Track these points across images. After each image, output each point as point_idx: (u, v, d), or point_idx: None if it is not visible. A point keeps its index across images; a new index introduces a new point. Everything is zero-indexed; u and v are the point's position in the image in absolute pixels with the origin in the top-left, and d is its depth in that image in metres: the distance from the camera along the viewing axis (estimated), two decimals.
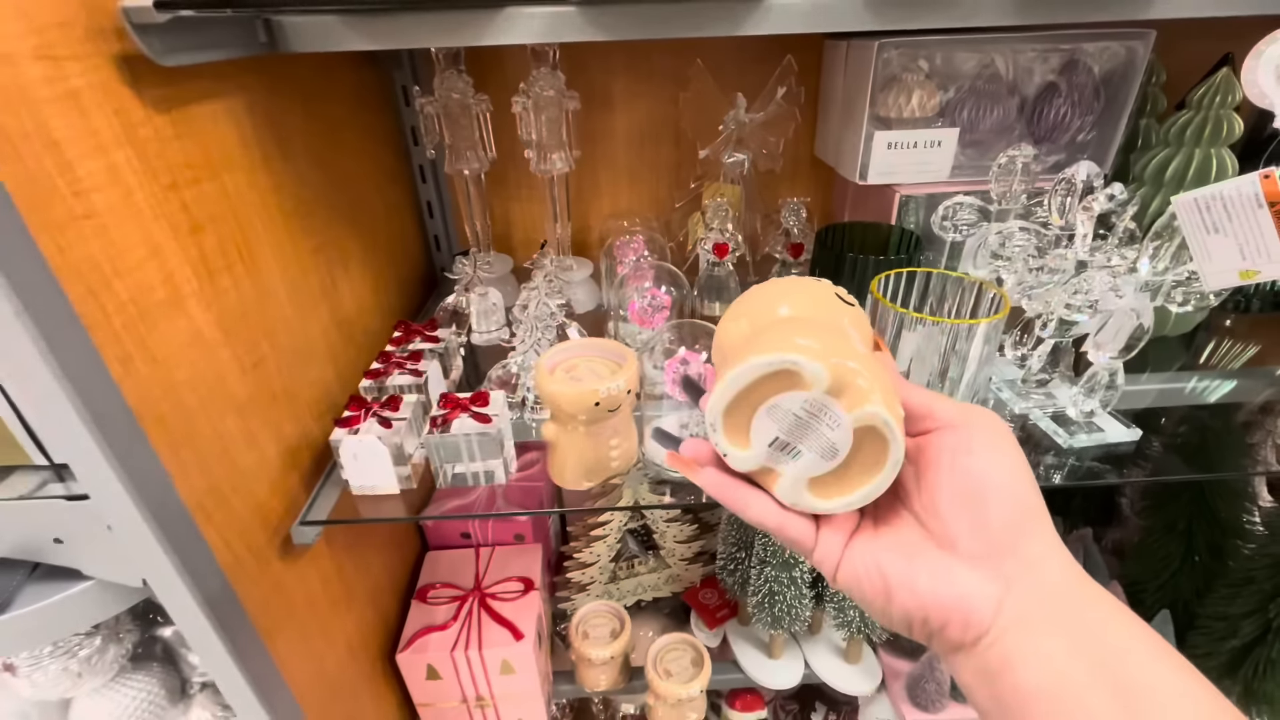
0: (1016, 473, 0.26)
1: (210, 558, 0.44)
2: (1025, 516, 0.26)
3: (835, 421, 0.26)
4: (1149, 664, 0.23)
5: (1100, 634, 0.24)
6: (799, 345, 0.25)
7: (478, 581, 0.81)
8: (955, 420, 0.27)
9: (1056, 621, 0.24)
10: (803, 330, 0.27)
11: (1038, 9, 0.48)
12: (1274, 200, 0.38)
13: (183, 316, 0.43)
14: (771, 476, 0.28)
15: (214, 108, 0.47)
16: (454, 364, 0.69)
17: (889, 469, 0.26)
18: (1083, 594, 0.25)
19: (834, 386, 0.25)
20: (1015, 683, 0.24)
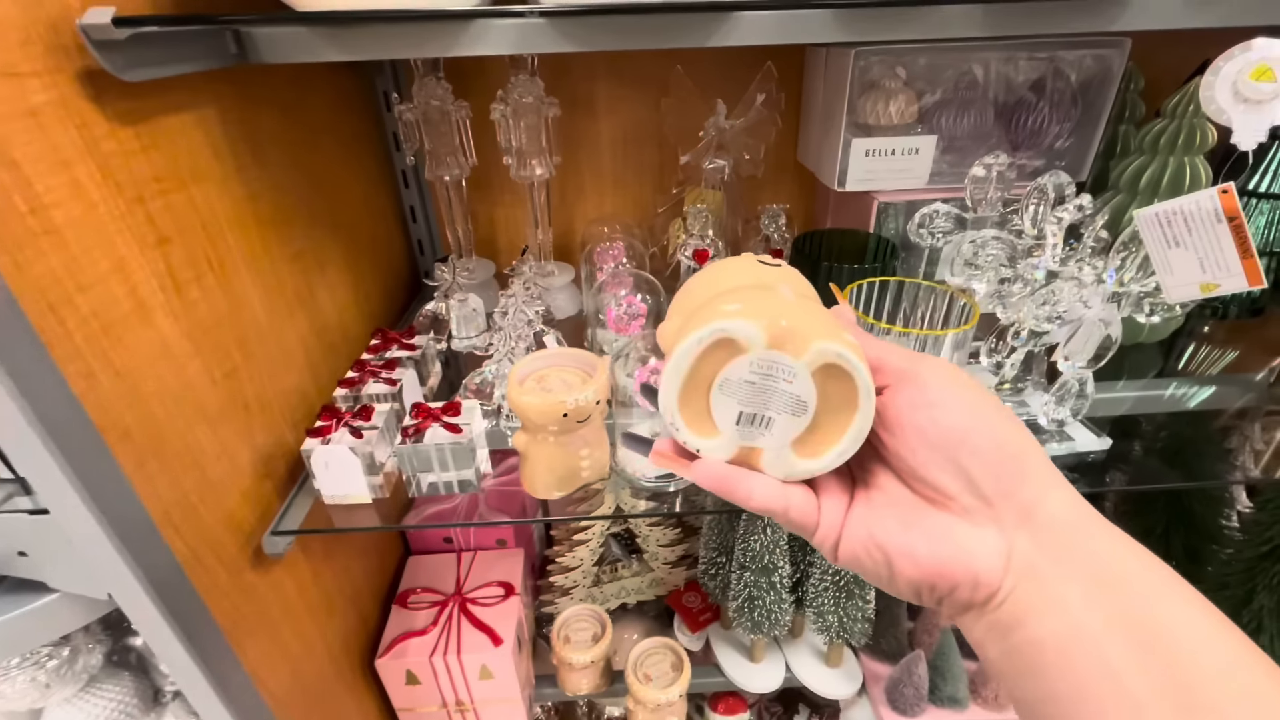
0: (984, 414, 0.25)
1: (177, 569, 0.44)
2: (1009, 458, 0.24)
3: (789, 372, 0.25)
4: (1169, 605, 0.22)
5: (1115, 575, 0.22)
6: (725, 311, 0.25)
7: (459, 586, 0.81)
8: (906, 372, 0.26)
9: (1068, 565, 0.23)
10: (727, 298, 0.26)
11: (1006, 21, 0.48)
12: (1232, 215, 0.38)
13: (149, 329, 0.43)
14: (755, 455, 0.27)
15: (184, 119, 0.47)
16: (432, 371, 0.69)
17: (864, 399, 0.25)
18: (1091, 531, 0.23)
19: (773, 339, 0.25)
20: (1029, 636, 0.23)
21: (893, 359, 0.26)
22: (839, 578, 0.77)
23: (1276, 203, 0.69)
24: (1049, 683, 0.23)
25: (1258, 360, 0.74)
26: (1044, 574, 0.23)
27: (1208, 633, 0.22)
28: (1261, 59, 0.37)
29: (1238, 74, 0.37)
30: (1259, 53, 0.37)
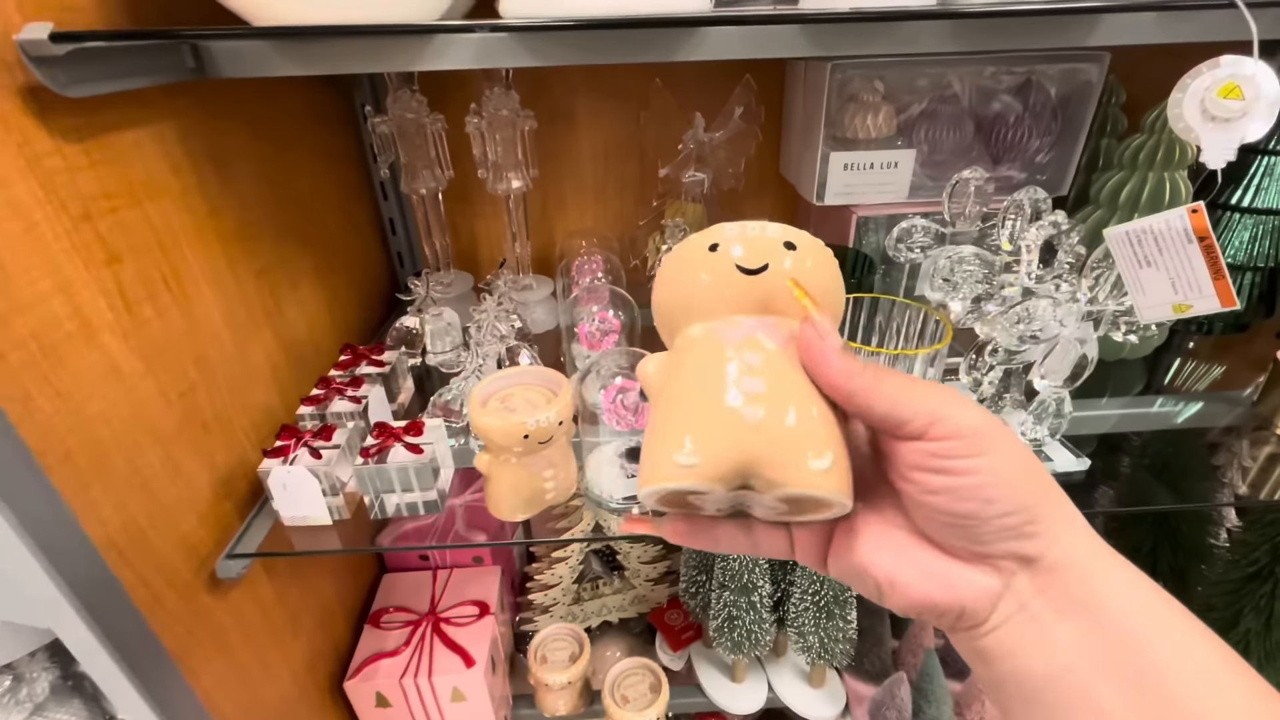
0: (1002, 481, 0.22)
1: (123, 597, 0.43)
2: (1023, 522, 0.23)
3: (760, 500, 0.24)
4: (1172, 649, 0.21)
5: (1116, 618, 0.22)
6: (676, 470, 0.23)
7: (433, 605, 0.80)
8: (921, 427, 0.23)
9: (1064, 608, 0.22)
10: (676, 437, 0.23)
11: (976, 37, 0.47)
12: (1202, 235, 0.37)
13: (95, 350, 0.42)
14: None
15: (138, 134, 0.46)
16: (403, 387, 0.68)
17: (839, 510, 0.24)
18: (1098, 572, 0.22)
19: (734, 482, 0.23)
20: (1016, 666, 0.23)
21: (907, 407, 0.23)
22: (819, 598, 0.76)
23: (1259, 217, 0.69)
24: (1034, 710, 0.23)
25: (1243, 377, 0.73)
26: (1037, 613, 0.23)
27: (1213, 676, 0.21)
28: (1230, 76, 0.36)
29: (1205, 91, 0.37)
30: (1227, 69, 0.36)
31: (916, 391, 0.23)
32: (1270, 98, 0.35)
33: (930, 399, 0.23)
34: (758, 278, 0.25)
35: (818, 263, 0.26)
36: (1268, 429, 0.63)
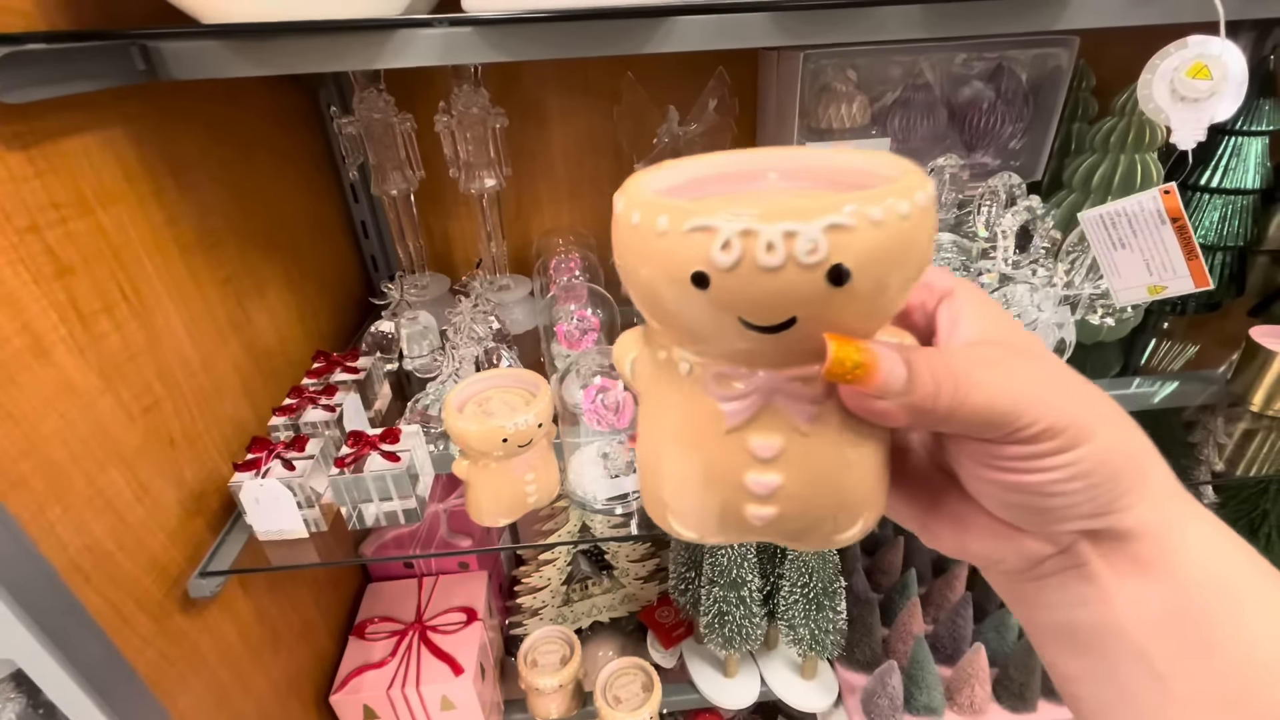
0: (1105, 473, 0.19)
1: (89, 621, 0.41)
2: (1105, 507, 0.20)
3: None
4: (1246, 619, 0.19)
5: (1188, 585, 0.19)
6: (673, 529, 0.21)
7: (419, 614, 0.79)
8: (1021, 432, 0.19)
9: (1127, 571, 0.20)
10: (670, 498, 0.21)
11: (945, 22, 0.47)
12: (1175, 216, 0.37)
13: (49, 367, 0.40)
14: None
15: (87, 141, 0.44)
16: (379, 393, 0.67)
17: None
18: (1175, 540, 0.20)
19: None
20: (1057, 619, 0.21)
21: (997, 411, 0.18)
22: (809, 590, 0.76)
23: (1229, 197, 0.69)
24: (1078, 659, 0.21)
25: (1217, 355, 0.73)
26: (1094, 572, 0.20)
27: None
28: (1197, 56, 0.36)
29: (1174, 72, 0.37)
30: (1194, 49, 0.36)
31: (1007, 389, 0.18)
32: (1237, 76, 0.35)
33: (1025, 392, 0.18)
34: (779, 335, 0.17)
35: (886, 259, 0.16)
36: (1242, 405, 0.64)
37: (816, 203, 0.15)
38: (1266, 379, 0.59)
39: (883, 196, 0.15)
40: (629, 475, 0.57)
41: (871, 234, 0.15)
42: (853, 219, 0.15)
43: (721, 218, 0.15)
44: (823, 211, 0.15)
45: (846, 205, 0.15)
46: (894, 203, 0.15)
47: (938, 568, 0.95)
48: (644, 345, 0.22)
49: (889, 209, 0.15)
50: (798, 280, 0.15)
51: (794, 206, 0.15)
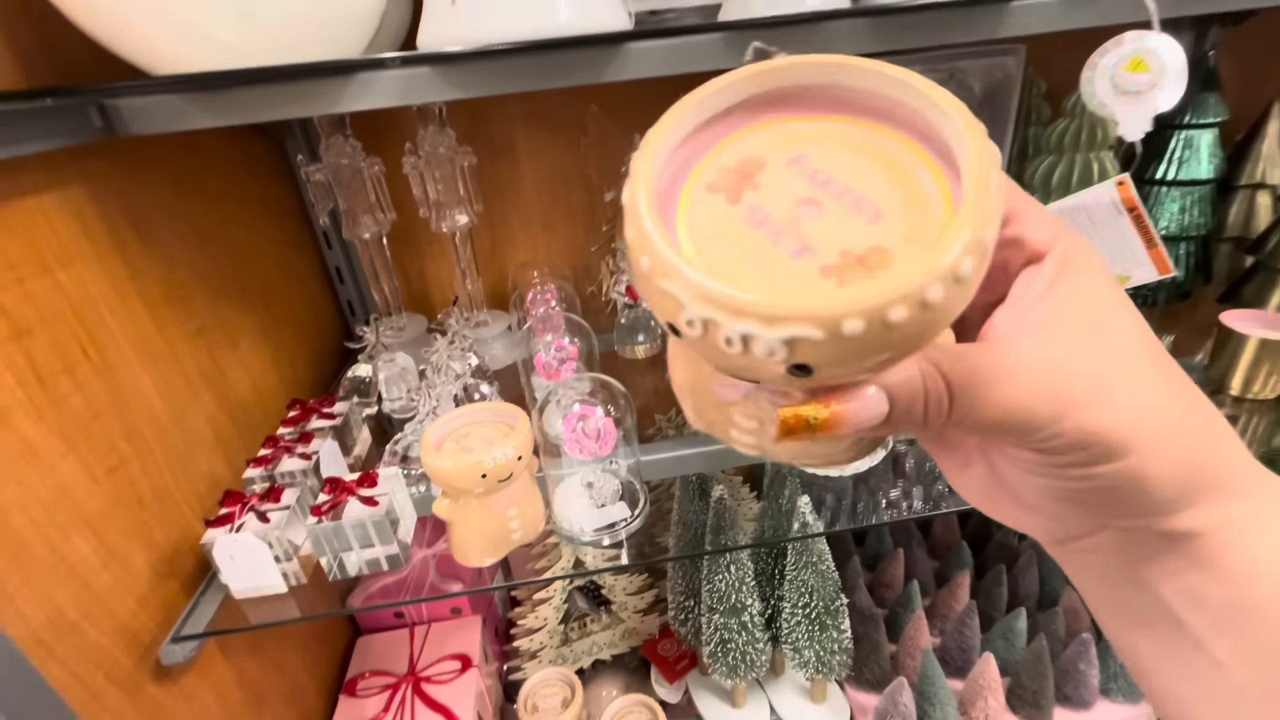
0: (1164, 478, 0.18)
1: (55, 698, 0.39)
2: (1162, 511, 0.18)
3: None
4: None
5: (1258, 584, 0.18)
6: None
7: (412, 665, 0.76)
8: (1062, 438, 0.17)
9: (1185, 565, 0.18)
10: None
11: (893, 34, 0.48)
12: (1131, 206, 0.38)
13: (5, 431, 0.39)
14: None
15: (44, 200, 0.44)
16: (357, 439, 0.65)
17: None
18: (1244, 541, 0.18)
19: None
20: (1105, 593, 0.21)
21: (1026, 421, 0.17)
22: (810, 610, 0.74)
23: (1185, 189, 0.71)
24: (1132, 631, 0.20)
25: (1192, 343, 0.74)
26: (1148, 559, 0.19)
27: None
28: (1134, 51, 0.37)
29: (1114, 68, 0.38)
30: (1131, 45, 0.37)
31: (1027, 400, 0.17)
32: (1176, 67, 0.36)
33: (1051, 403, 0.17)
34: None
35: (861, 361, 0.15)
36: (1221, 391, 0.64)
37: (788, 304, 0.14)
38: (1242, 363, 0.60)
39: (874, 300, 0.14)
40: (615, 504, 0.55)
41: (845, 345, 0.14)
42: (821, 333, 0.14)
43: (688, 295, 0.15)
44: (788, 322, 0.14)
45: (820, 313, 0.14)
46: (885, 311, 0.14)
47: (940, 578, 0.94)
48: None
49: (876, 317, 0.14)
50: (759, 364, 0.15)
51: (762, 304, 0.14)
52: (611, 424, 0.50)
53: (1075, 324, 0.18)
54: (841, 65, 0.18)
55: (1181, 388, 0.18)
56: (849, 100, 0.18)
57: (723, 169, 0.18)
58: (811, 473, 0.69)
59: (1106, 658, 0.78)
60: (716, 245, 0.16)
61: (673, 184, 0.18)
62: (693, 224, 0.17)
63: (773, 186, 0.17)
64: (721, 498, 0.68)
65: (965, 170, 0.16)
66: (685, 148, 0.18)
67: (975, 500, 0.23)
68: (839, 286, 0.15)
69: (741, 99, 0.19)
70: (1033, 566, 0.88)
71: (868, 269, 0.15)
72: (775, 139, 0.18)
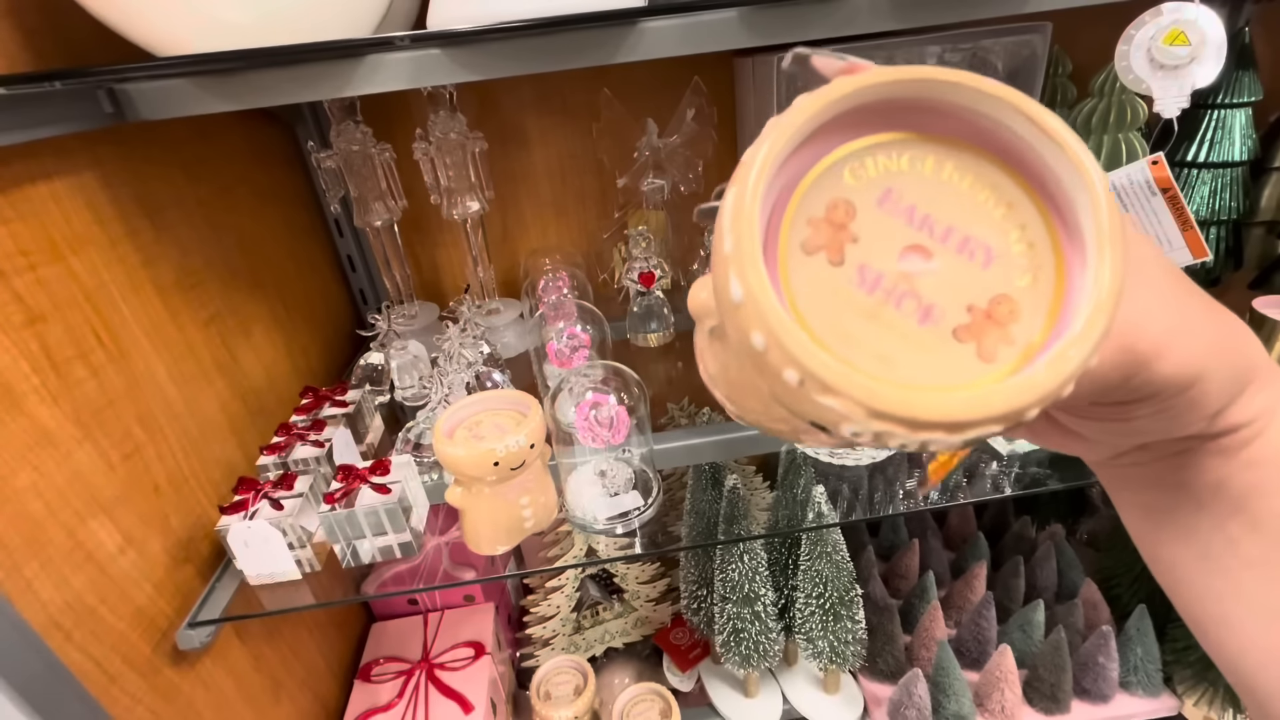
0: (1210, 400, 0.20)
1: (73, 682, 0.39)
2: (1206, 427, 0.20)
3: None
4: None
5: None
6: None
7: (425, 651, 0.76)
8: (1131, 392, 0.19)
9: (1220, 454, 0.20)
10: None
11: (914, 12, 0.47)
12: (1165, 186, 0.36)
13: (20, 417, 0.39)
14: None
15: (55, 186, 0.44)
16: (370, 426, 0.65)
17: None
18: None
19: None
20: (1136, 499, 0.23)
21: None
22: (824, 600, 0.74)
23: (1217, 170, 0.69)
24: (1160, 529, 0.23)
25: None
26: (1187, 463, 0.21)
27: None
28: (1173, 23, 0.35)
29: (1150, 40, 0.36)
30: (1170, 16, 0.35)
31: (1116, 355, 0.18)
32: (1216, 40, 0.35)
33: (1141, 345, 0.18)
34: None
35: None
36: None
37: (967, 410, 0.14)
38: (1275, 350, 0.58)
39: (1024, 400, 0.14)
40: (628, 493, 0.55)
41: (959, 440, 0.14)
42: (951, 439, 0.14)
43: (861, 412, 0.14)
44: (971, 428, 0.14)
45: (991, 413, 0.14)
46: (1027, 411, 0.14)
47: (956, 569, 0.93)
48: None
49: (1016, 415, 0.14)
50: (879, 441, 0.15)
51: (945, 415, 0.14)
52: (624, 412, 0.50)
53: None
54: (927, 79, 0.16)
55: (1207, 298, 0.20)
56: (929, 116, 0.16)
57: (812, 221, 0.16)
58: (827, 462, 0.68)
59: (1126, 651, 0.77)
60: (844, 324, 0.15)
61: (767, 247, 0.15)
62: (803, 299, 0.15)
63: (872, 237, 0.16)
64: (735, 487, 0.67)
65: (1098, 235, 0.15)
66: (768, 201, 0.16)
67: (1019, 433, 0.24)
68: (979, 358, 0.15)
69: (819, 126, 0.16)
70: (1051, 558, 0.86)
71: (998, 324, 0.15)
72: (857, 171, 0.16)
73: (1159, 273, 0.19)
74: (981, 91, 0.16)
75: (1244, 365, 0.20)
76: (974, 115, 0.16)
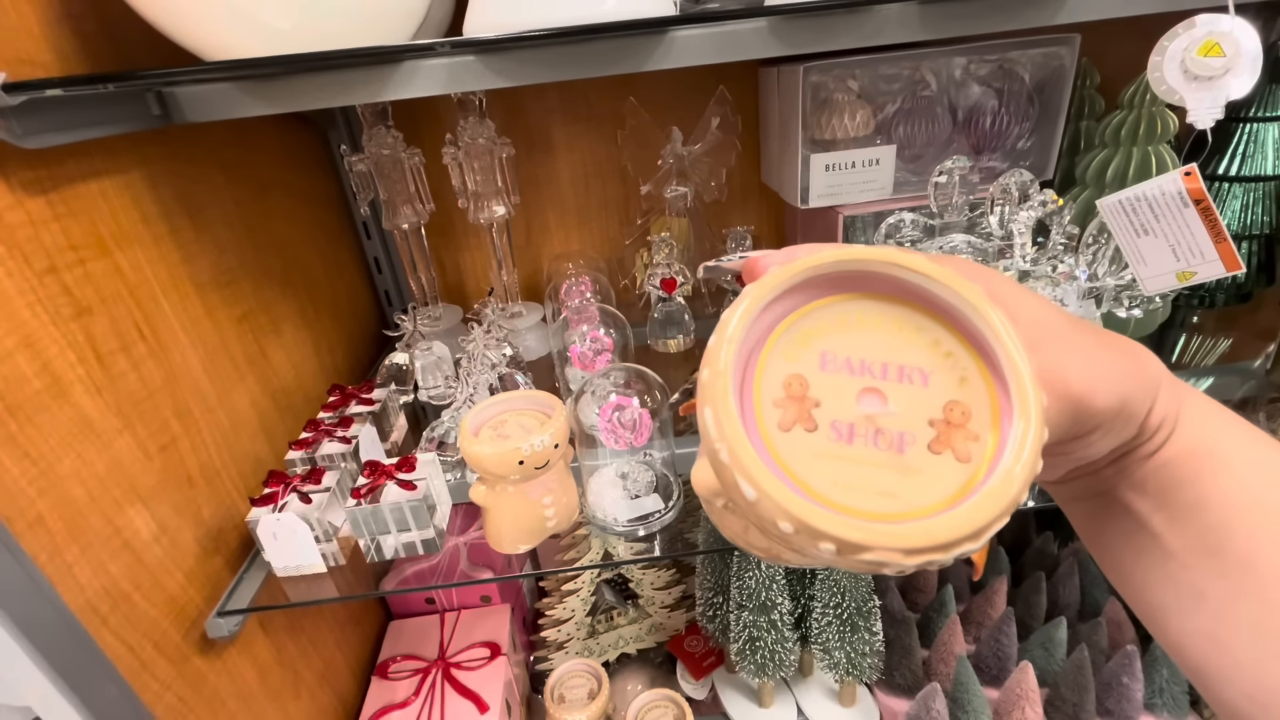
0: (1114, 427, 0.22)
1: (107, 665, 0.40)
2: (1121, 443, 0.23)
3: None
4: (1229, 482, 0.22)
5: (1191, 452, 0.23)
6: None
7: (442, 651, 0.77)
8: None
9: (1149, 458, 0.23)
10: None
11: (944, 22, 0.47)
12: (1198, 198, 0.36)
13: (66, 406, 0.40)
14: None
15: (104, 185, 0.45)
16: (395, 425, 0.66)
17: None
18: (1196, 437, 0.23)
19: None
20: (1081, 504, 0.26)
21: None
22: (841, 610, 0.73)
23: (1249, 185, 0.68)
24: (1100, 532, 0.26)
25: (1253, 347, 0.71)
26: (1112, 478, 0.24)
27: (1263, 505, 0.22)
28: (1208, 34, 0.35)
29: (1184, 52, 0.36)
30: (1204, 28, 0.35)
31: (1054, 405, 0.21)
32: (1252, 52, 0.35)
33: (1071, 391, 0.21)
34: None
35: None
36: None
37: (957, 526, 0.16)
38: None
39: (1001, 507, 0.16)
40: (649, 495, 0.55)
41: (983, 540, 0.16)
42: (977, 544, 0.16)
43: (896, 556, 0.16)
44: (957, 545, 0.16)
45: (967, 531, 0.16)
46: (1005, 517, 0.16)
47: (975, 584, 0.91)
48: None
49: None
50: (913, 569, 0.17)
51: (935, 536, 0.16)
52: (647, 415, 0.50)
53: (1035, 340, 0.21)
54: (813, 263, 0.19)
55: (1100, 330, 0.23)
56: (830, 279, 0.19)
57: (777, 402, 0.18)
58: None
59: (1151, 671, 0.75)
60: (842, 478, 0.17)
61: (751, 438, 0.17)
62: (800, 469, 0.17)
63: (829, 396, 0.18)
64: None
65: (993, 335, 0.18)
66: (739, 403, 0.18)
67: None
68: (959, 461, 0.17)
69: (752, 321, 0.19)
70: (1074, 575, 0.85)
71: (959, 426, 0.17)
72: (789, 345, 0.19)
73: (1063, 325, 0.22)
74: (855, 258, 0.19)
75: (1148, 376, 0.22)
76: (870, 270, 0.19)
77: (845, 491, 0.17)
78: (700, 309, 0.84)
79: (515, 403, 0.50)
